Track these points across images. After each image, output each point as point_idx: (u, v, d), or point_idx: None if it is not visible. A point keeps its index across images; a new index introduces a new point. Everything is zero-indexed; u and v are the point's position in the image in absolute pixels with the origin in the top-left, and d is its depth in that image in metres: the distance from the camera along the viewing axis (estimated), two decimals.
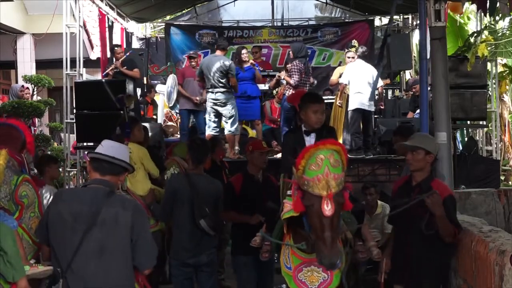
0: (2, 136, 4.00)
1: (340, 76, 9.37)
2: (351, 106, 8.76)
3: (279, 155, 8.74)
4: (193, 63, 9.61)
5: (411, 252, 4.00)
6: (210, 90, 8.63)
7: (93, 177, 3.17)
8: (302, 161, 3.18)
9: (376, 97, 9.74)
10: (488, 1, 5.48)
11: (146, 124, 7.96)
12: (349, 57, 9.29)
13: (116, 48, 10.03)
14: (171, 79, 10.14)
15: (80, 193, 3.19)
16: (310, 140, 4.20)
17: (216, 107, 8.66)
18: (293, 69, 8.69)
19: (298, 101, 4.45)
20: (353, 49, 9.39)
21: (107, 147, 3.19)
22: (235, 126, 8.76)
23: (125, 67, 9.50)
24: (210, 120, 8.78)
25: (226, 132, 8.91)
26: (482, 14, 9.31)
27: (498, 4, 5.51)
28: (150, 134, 7.66)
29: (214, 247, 5.04)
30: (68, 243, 2.98)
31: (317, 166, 3.13)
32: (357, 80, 8.72)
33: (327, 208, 3.07)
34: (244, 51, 9.26)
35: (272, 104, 10.33)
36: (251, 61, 9.24)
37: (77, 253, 2.96)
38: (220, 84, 8.54)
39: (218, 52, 8.85)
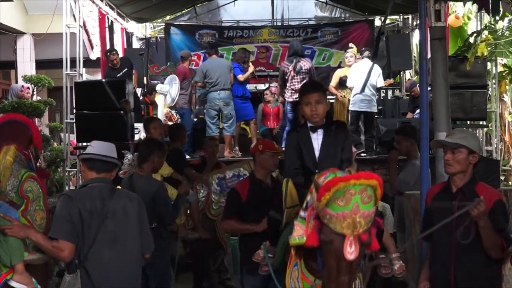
0: (11, 132, 4.20)
1: (339, 81, 9.38)
2: (352, 107, 8.78)
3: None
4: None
5: (456, 269, 3.38)
6: (213, 90, 8.72)
7: (89, 176, 3.48)
8: (327, 194, 2.53)
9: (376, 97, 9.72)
10: (490, 1, 5.47)
11: None
12: (347, 57, 9.32)
13: (109, 54, 9.95)
14: (171, 79, 10.08)
15: (88, 191, 3.41)
16: (317, 137, 3.70)
17: (219, 107, 8.78)
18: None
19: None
20: (352, 50, 9.37)
21: (98, 147, 3.52)
22: (233, 127, 8.90)
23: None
24: (211, 122, 8.84)
25: (225, 132, 8.94)
26: (482, 14, 9.32)
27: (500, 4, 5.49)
28: None
29: (156, 249, 4.91)
30: (85, 237, 3.28)
31: (345, 202, 2.51)
32: (358, 81, 8.73)
33: (350, 250, 2.50)
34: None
35: (265, 107, 10.28)
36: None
37: (93, 245, 3.28)
38: (226, 85, 8.73)
39: (214, 56, 9.07)
